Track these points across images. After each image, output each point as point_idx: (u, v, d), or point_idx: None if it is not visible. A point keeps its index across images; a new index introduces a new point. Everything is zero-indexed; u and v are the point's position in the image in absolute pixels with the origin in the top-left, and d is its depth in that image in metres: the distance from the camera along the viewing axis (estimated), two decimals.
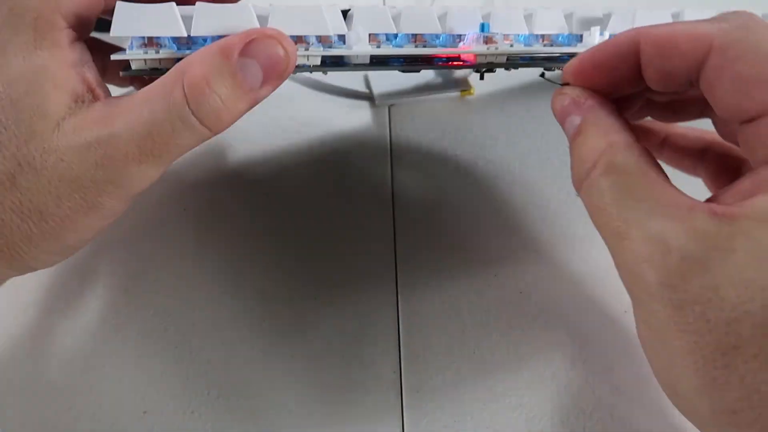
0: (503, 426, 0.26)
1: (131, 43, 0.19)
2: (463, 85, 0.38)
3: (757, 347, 0.14)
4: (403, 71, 0.23)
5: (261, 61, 0.18)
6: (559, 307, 0.29)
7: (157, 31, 0.19)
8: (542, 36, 0.24)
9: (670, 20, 0.25)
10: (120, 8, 0.19)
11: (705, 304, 0.14)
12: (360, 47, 0.21)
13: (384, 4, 0.45)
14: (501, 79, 0.38)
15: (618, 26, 0.25)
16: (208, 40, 0.20)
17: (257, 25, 0.20)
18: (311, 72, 0.21)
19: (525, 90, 0.39)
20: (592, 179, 0.17)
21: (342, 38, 0.21)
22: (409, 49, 0.22)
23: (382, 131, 0.37)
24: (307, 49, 0.20)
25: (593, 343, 0.28)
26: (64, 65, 0.19)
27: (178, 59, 0.19)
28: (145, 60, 0.20)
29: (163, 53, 0.20)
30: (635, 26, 0.21)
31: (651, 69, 0.17)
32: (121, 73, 0.20)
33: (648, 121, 0.24)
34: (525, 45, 0.24)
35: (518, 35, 0.23)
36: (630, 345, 0.28)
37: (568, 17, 0.25)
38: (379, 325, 0.29)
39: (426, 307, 0.29)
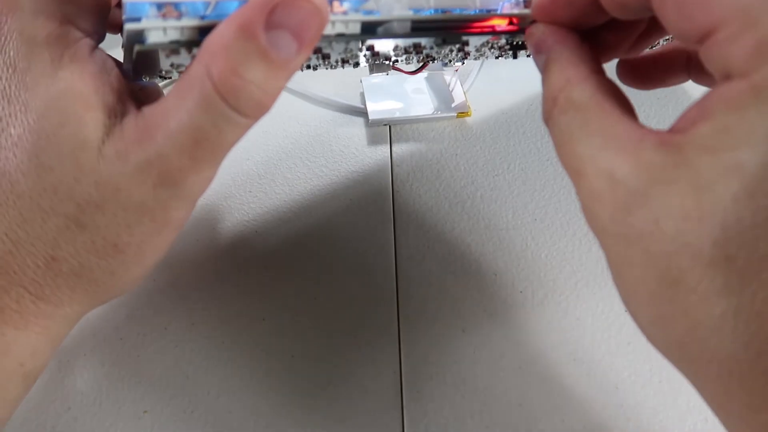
0: (503, 426, 0.26)
1: (145, 10, 0.17)
2: (461, 108, 0.36)
3: (696, 279, 0.13)
4: (443, 43, 0.21)
5: (292, 29, 0.16)
6: (559, 306, 0.29)
7: None
8: None
9: None
10: None
11: (647, 237, 0.14)
12: (400, 11, 0.19)
13: None
14: (499, 99, 0.38)
15: None
16: (234, 5, 0.17)
17: None
18: (348, 43, 0.19)
19: (523, 110, 0.38)
20: (553, 117, 0.17)
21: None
22: (456, 15, 0.20)
23: (383, 151, 0.37)
24: (345, 14, 0.18)
25: (593, 342, 0.28)
26: (90, 79, 0.17)
27: (204, 29, 0.17)
28: (164, 29, 0.16)
29: (186, 21, 0.17)
30: None
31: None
32: (136, 48, 0.17)
33: (669, 43, 0.23)
34: None
35: None
36: (634, 341, 0.28)
37: None
38: (379, 325, 0.29)
39: (426, 307, 0.29)
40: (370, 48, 0.20)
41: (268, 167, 0.35)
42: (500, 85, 0.39)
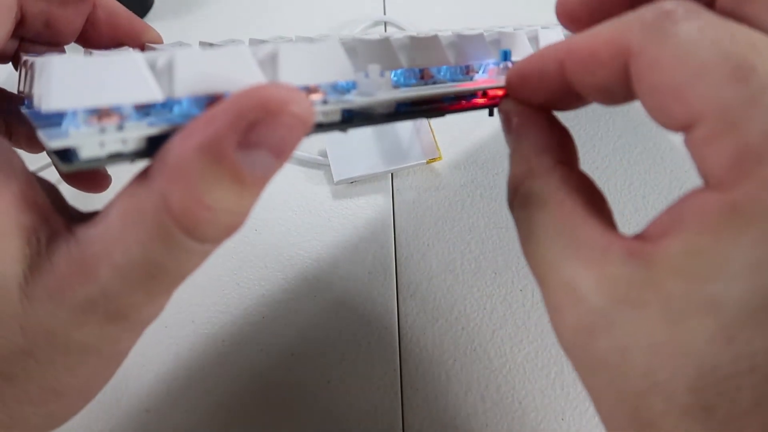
0: (503, 425, 0.26)
1: (72, 117, 0.12)
2: (431, 153, 0.34)
3: (671, 427, 0.12)
4: (428, 118, 0.18)
5: (270, 147, 0.13)
6: None
7: (119, 97, 0.12)
8: None
9: None
10: (54, 66, 0.12)
11: (614, 369, 0.12)
12: (386, 92, 0.16)
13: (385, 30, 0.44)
14: (466, 139, 0.36)
15: None
16: (187, 105, 0.13)
17: (260, 78, 0.14)
18: (326, 132, 0.15)
19: (492, 149, 0.36)
20: (514, 208, 0.15)
21: (351, 83, 0.16)
22: (446, 87, 0.17)
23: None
24: (325, 102, 0.15)
25: None
26: None
27: (155, 137, 0.13)
28: (101, 142, 0.12)
29: (130, 129, 0.12)
30: None
31: (581, 86, 0.14)
32: (62, 169, 0.12)
33: None
34: None
35: None
36: None
37: (568, 36, 0.23)
38: (379, 323, 0.29)
39: (426, 307, 0.29)
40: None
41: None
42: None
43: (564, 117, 0.17)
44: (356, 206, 0.33)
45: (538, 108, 0.16)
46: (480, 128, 0.37)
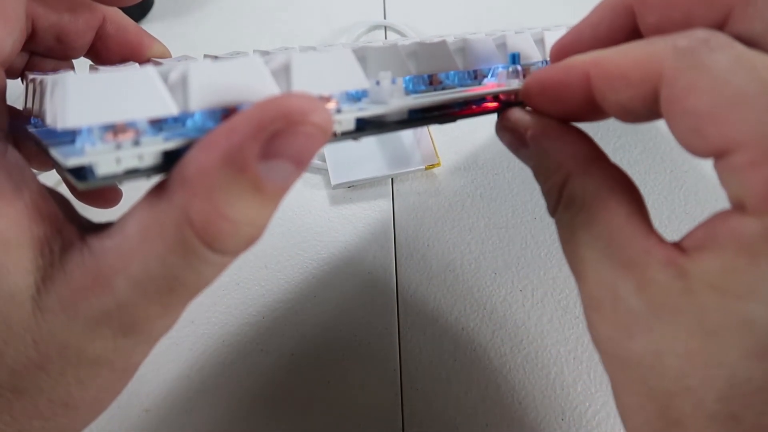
0: (503, 424, 0.26)
1: (88, 135, 0.12)
2: (430, 159, 0.34)
3: (698, 428, 0.12)
4: (440, 123, 0.18)
5: (291, 156, 0.13)
6: (558, 305, 0.29)
7: (134, 112, 0.12)
8: None
9: None
10: (69, 84, 0.12)
11: (647, 369, 0.13)
12: (398, 100, 0.15)
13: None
14: (466, 140, 0.36)
15: None
16: (200, 119, 0.13)
17: (274, 89, 0.14)
18: (339, 142, 0.15)
19: (491, 153, 0.36)
20: (558, 212, 0.16)
21: (363, 92, 0.16)
22: (457, 93, 0.17)
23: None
24: (339, 111, 0.15)
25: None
26: (6, 205, 0.13)
27: (171, 152, 0.13)
28: (118, 159, 0.12)
29: (147, 144, 0.12)
30: None
31: (607, 103, 0.15)
32: (79, 187, 0.12)
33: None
34: None
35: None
36: None
37: None
38: (379, 323, 0.29)
39: (426, 306, 0.29)
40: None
41: None
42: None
43: None
44: (356, 208, 0.33)
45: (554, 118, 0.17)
46: (479, 131, 0.37)
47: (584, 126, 0.17)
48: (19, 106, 0.19)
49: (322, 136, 0.13)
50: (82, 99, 0.12)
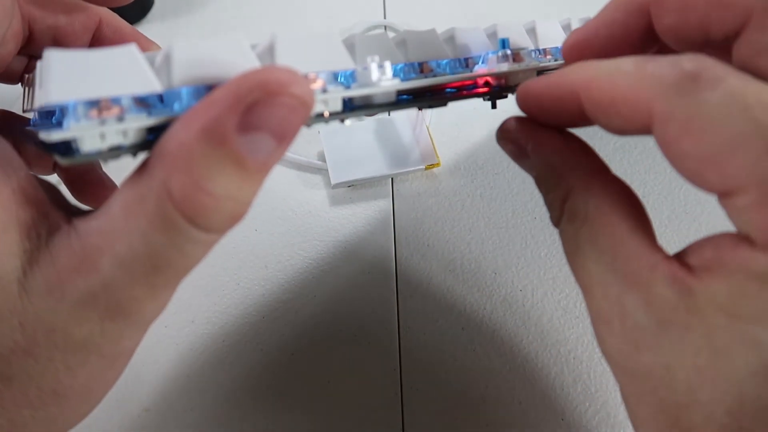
0: (502, 424, 0.26)
1: (72, 110, 0.12)
2: (429, 159, 0.34)
3: None
4: (430, 107, 0.18)
5: (272, 128, 0.13)
6: (558, 305, 0.29)
7: (118, 88, 0.12)
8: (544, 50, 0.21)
9: None
10: (52, 60, 0.12)
11: (657, 381, 0.14)
12: (388, 82, 0.16)
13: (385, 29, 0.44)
14: (465, 141, 0.37)
15: None
16: (187, 99, 0.13)
17: (257, 65, 0.14)
18: (327, 122, 0.15)
19: (491, 154, 0.36)
20: (561, 225, 0.16)
21: (350, 74, 0.16)
22: (447, 77, 0.17)
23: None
24: (325, 91, 0.15)
25: (593, 340, 0.28)
26: None
27: (155, 128, 0.13)
28: (102, 134, 0.12)
29: (131, 120, 0.12)
30: None
31: (599, 121, 0.15)
32: (60, 162, 0.13)
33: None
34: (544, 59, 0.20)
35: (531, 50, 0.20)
36: None
37: (566, 28, 0.23)
38: (379, 324, 0.29)
39: (426, 306, 0.29)
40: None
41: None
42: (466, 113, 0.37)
43: None
44: (356, 207, 0.33)
45: (548, 126, 0.17)
46: (478, 131, 0.37)
47: (584, 128, 0.17)
48: (19, 109, 0.19)
49: (302, 109, 0.13)
50: (66, 75, 0.12)
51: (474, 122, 0.37)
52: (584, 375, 0.27)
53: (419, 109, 0.18)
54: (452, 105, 0.18)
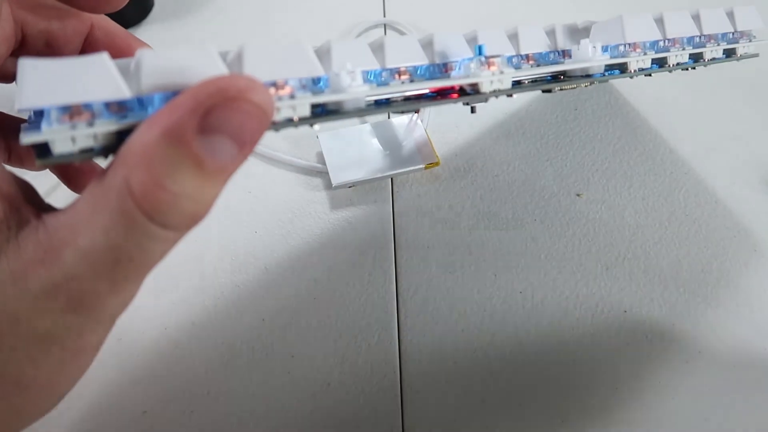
0: (503, 426, 0.26)
1: (46, 115, 0.13)
2: (429, 159, 0.34)
3: None
4: (402, 112, 0.19)
5: (231, 132, 0.13)
6: (558, 307, 0.29)
7: (88, 95, 0.13)
8: (527, 56, 0.21)
9: (652, 25, 0.24)
10: (26, 68, 0.13)
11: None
12: (357, 89, 0.16)
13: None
14: (464, 142, 0.36)
15: (603, 37, 0.23)
16: (158, 102, 0.14)
17: (224, 71, 0.14)
18: (296, 127, 0.16)
19: (491, 155, 0.36)
20: None
21: (319, 80, 0.17)
22: (417, 85, 0.18)
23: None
24: (293, 97, 0.15)
25: (593, 343, 0.28)
26: None
27: (124, 131, 0.14)
28: (72, 138, 0.13)
29: (100, 125, 0.13)
30: (625, 34, 0.19)
31: None
32: (37, 162, 0.14)
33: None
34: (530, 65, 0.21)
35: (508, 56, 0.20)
36: (633, 342, 0.28)
37: (550, 33, 0.23)
38: (379, 324, 0.29)
39: (426, 307, 0.29)
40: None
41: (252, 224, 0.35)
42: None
43: (563, 119, 0.17)
44: (356, 209, 0.33)
45: None
46: (478, 132, 0.37)
47: (584, 128, 0.17)
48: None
49: (261, 115, 0.14)
50: (39, 82, 0.13)
51: (474, 123, 0.37)
52: (584, 377, 0.27)
53: (402, 113, 0.18)
54: (452, 106, 0.18)
